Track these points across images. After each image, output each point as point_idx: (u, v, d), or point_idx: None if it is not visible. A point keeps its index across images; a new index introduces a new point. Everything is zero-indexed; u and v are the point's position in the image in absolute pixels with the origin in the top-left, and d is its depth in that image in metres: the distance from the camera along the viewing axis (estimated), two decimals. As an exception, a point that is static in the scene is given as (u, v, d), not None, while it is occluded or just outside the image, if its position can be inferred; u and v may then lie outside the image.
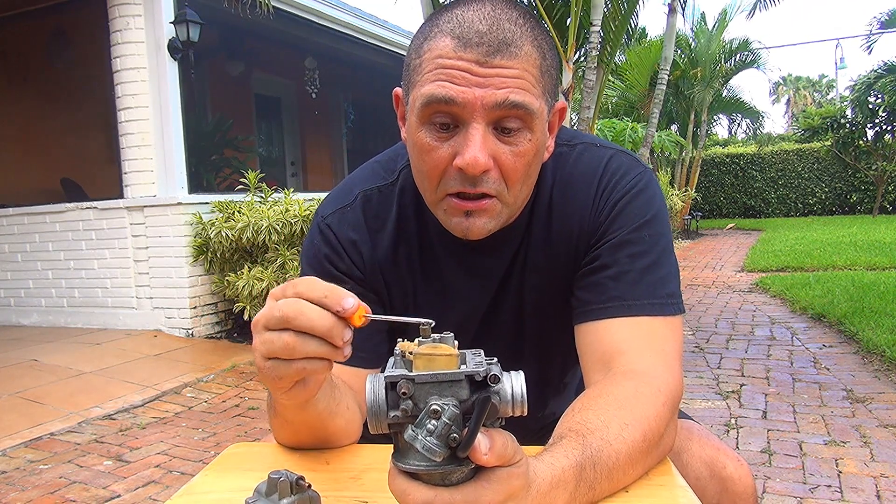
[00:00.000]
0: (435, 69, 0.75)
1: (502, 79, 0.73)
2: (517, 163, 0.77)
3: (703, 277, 7.68)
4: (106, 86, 5.19)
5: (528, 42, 0.75)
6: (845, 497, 2.21)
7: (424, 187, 0.83)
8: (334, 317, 0.56)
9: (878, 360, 3.78)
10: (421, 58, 0.77)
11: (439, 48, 0.75)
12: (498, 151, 0.76)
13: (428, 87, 0.75)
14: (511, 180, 0.78)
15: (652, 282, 0.83)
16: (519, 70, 0.74)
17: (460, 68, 0.73)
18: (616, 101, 13.89)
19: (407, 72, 0.81)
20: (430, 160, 0.78)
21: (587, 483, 0.63)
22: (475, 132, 0.74)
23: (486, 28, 0.74)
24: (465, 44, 0.73)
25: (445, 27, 0.76)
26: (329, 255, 0.91)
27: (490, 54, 0.73)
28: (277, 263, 4.52)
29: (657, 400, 0.74)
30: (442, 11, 0.79)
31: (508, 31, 0.74)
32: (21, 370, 4.01)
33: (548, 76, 0.79)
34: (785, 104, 48.87)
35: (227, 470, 0.79)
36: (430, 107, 0.75)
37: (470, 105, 0.73)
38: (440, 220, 0.84)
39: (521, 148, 0.77)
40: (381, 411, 0.51)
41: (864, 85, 14.42)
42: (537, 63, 0.76)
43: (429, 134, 0.77)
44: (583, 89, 4.87)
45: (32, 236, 5.52)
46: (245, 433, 3.12)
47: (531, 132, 0.77)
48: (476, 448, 0.48)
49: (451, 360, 0.51)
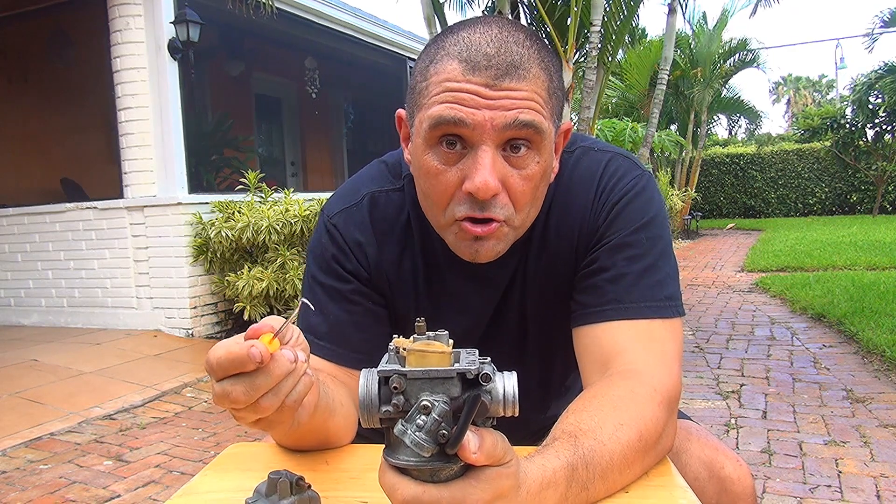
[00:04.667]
0: (442, 92, 0.74)
1: (512, 100, 0.73)
2: (525, 186, 0.77)
3: (703, 277, 7.68)
4: (106, 86, 5.19)
5: (535, 64, 0.75)
6: (845, 497, 2.21)
7: (432, 212, 0.82)
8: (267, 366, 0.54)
9: (878, 360, 3.78)
10: (427, 80, 0.77)
11: (447, 71, 0.74)
12: (506, 174, 0.76)
13: (435, 108, 0.74)
14: (519, 204, 0.78)
15: (650, 284, 0.83)
16: (528, 92, 0.74)
17: (470, 91, 0.73)
18: (616, 101, 13.88)
19: (412, 94, 0.80)
20: (437, 184, 0.78)
21: (580, 483, 0.62)
22: (484, 155, 0.74)
23: (493, 51, 0.73)
24: (473, 67, 0.73)
25: (452, 50, 0.75)
26: (336, 255, 0.91)
27: (499, 77, 0.73)
28: (277, 263, 4.52)
29: (653, 400, 0.74)
30: (447, 34, 0.78)
31: (517, 53, 0.74)
32: (21, 370, 4.01)
33: (555, 98, 0.79)
34: (785, 104, 48.86)
35: (227, 470, 0.79)
36: (437, 129, 0.75)
37: (480, 127, 0.73)
38: (448, 243, 0.84)
39: (529, 171, 0.77)
40: (374, 405, 0.51)
41: (865, 85, 14.41)
42: (545, 85, 0.76)
43: (436, 157, 0.77)
44: (583, 89, 4.87)
45: (32, 236, 5.52)
46: (245, 433, 3.12)
47: (539, 154, 0.77)
48: (465, 446, 0.48)
49: (444, 358, 0.51)
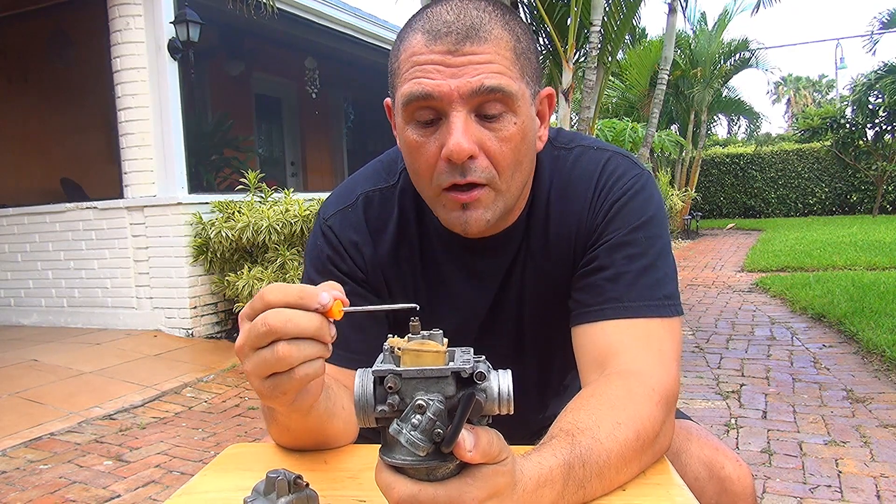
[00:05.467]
0: (410, 68, 0.76)
1: (475, 66, 0.74)
2: (503, 147, 0.78)
3: (702, 277, 7.68)
4: (106, 86, 5.19)
5: (497, 25, 0.76)
6: (845, 497, 2.21)
7: (421, 186, 0.84)
8: (317, 314, 0.56)
9: (878, 360, 3.78)
10: (398, 60, 0.79)
11: (412, 46, 0.77)
12: (482, 138, 0.77)
13: (406, 86, 0.76)
14: (500, 166, 0.79)
15: (648, 283, 0.83)
16: (490, 54, 0.75)
17: (433, 62, 0.74)
18: (616, 101, 13.88)
19: (390, 78, 0.82)
20: (420, 157, 0.79)
21: (576, 482, 0.62)
22: (456, 120, 0.75)
23: (453, 17, 0.75)
24: (434, 36, 0.75)
25: (416, 25, 0.78)
26: (332, 256, 0.91)
27: (459, 42, 0.74)
28: (277, 263, 4.52)
29: (651, 399, 0.73)
30: (415, 15, 0.80)
31: (476, 17, 0.75)
32: (21, 370, 4.01)
33: (524, 59, 0.79)
34: (785, 104, 48.86)
35: (227, 470, 0.79)
36: (410, 105, 0.77)
37: (447, 96, 0.74)
38: (440, 217, 0.85)
39: (506, 132, 0.77)
40: (369, 405, 0.51)
41: (865, 85, 14.41)
42: (510, 45, 0.77)
43: (415, 132, 0.78)
44: (583, 89, 4.87)
45: (32, 236, 5.52)
46: (245, 433, 3.12)
47: (515, 115, 0.77)
48: (460, 444, 0.49)
49: (439, 357, 0.51)
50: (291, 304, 0.56)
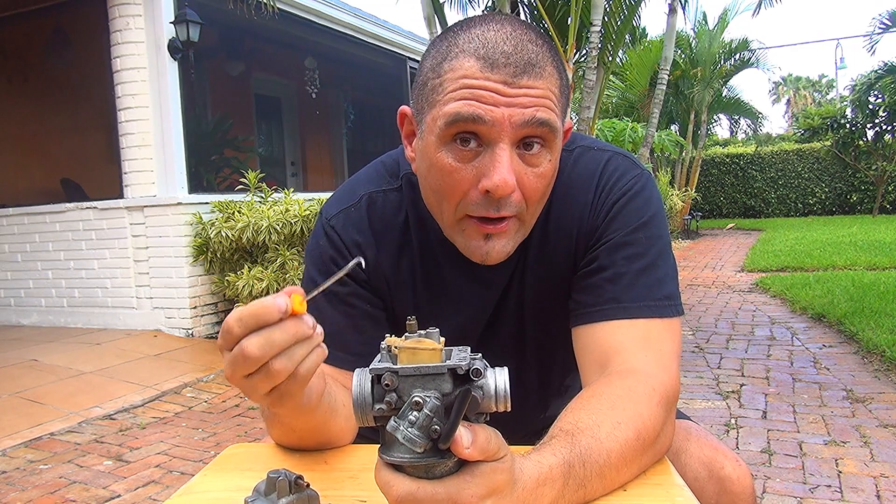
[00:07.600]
0: (460, 88, 0.74)
1: (529, 98, 0.74)
2: (538, 184, 0.78)
3: (702, 277, 7.68)
4: (106, 86, 5.19)
5: (549, 63, 0.76)
6: (845, 497, 2.21)
7: (441, 208, 0.81)
8: (286, 320, 0.55)
9: (878, 360, 3.78)
10: (441, 77, 0.76)
11: (464, 68, 0.74)
12: (521, 173, 0.76)
13: (452, 105, 0.74)
14: (531, 201, 0.79)
15: (649, 284, 0.83)
16: (544, 90, 0.75)
17: (488, 88, 0.73)
18: (616, 101, 13.88)
19: (422, 91, 0.79)
20: (451, 182, 0.77)
21: (576, 481, 0.62)
22: (502, 153, 0.74)
23: (511, 49, 0.74)
24: (491, 64, 0.73)
25: (468, 47, 0.75)
26: (334, 256, 0.91)
27: (517, 75, 0.73)
28: (277, 263, 4.52)
29: (651, 399, 0.74)
30: (459, 31, 0.78)
31: (533, 52, 0.74)
32: (21, 370, 4.01)
33: (565, 97, 0.80)
34: (785, 104, 48.86)
35: (227, 470, 0.79)
36: (454, 125, 0.74)
37: (498, 124, 0.73)
38: (456, 243, 0.83)
39: (542, 169, 0.77)
40: (367, 404, 0.52)
41: (865, 85, 14.41)
42: (558, 83, 0.77)
43: (450, 154, 0.76)
44: (583, 89, 4.87)
45: (32, 236, 5.52)
46: (245, 433, 3.12)
47: (551, 153, 0.78)
48: (458, 441, 0.49)
49: (435, 354, 0.51)
50: (254, 327, 0.54)
